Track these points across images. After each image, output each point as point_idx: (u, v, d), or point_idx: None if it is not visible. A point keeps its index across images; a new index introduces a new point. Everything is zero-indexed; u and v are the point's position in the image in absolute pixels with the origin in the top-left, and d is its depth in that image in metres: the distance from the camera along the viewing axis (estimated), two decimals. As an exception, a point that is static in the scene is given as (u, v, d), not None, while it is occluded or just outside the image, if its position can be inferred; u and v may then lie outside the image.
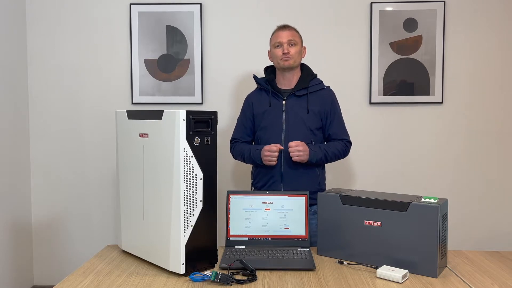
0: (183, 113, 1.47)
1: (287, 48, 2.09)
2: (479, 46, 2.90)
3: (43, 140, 2.98)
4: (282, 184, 2.12)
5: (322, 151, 2.09)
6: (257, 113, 2.20)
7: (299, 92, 2.14)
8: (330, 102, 2.17)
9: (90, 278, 1.50)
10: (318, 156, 2.07)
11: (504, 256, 1.73)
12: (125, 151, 1.73)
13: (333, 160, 2.15)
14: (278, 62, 2.14)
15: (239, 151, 2.22)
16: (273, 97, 2.17)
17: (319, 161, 2.09)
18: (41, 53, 2.95)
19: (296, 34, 2.15)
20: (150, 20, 2.90)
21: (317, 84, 2.18)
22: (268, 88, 2.18)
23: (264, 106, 2.18)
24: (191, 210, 1.49)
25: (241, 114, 2.28)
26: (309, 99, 2.14)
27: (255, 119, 2.22)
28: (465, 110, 2.92)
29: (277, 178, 2.13)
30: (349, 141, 2.20)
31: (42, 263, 3.01)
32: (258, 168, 2.20)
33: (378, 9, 2.87)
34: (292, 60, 2.11)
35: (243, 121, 2.26)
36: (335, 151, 2.13)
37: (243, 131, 2.26)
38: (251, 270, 1.48)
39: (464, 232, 2.96)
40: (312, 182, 2.13)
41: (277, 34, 2.14)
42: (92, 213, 3.01)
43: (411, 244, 1.52)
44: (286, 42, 2.10)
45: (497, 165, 2.94)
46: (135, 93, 2.92)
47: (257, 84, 2.26)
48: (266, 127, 2.16)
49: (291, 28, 2.16)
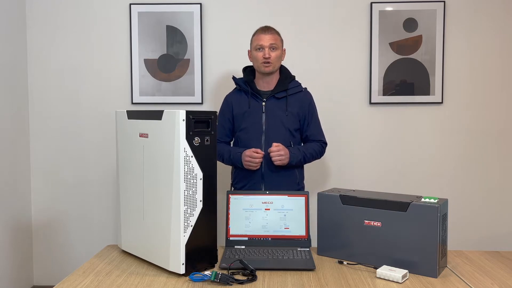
0: (183, 113, 1.47)
1: (268, 53, 2.11)
2: (479, 46, 2.90)
3: (43, 140, 2.98)
4: (263, 185, 2.16)
5: (301, 153, 2.15)
6: (236, 114, 2.22)
7: (279, 94, 2.17)
8: (308, 104, 2.22)
9: (90, 278, 1.50)
10: (297, 158, 2.14)
11: (504, 256, 1.73)
12: (125, 151, 1.73)
13: (310, 161, 2.23)
14: (258, 66, 2.16)
15: (219, 153, 2.23)
16: (253, 98, 2.19)
17: (298, 163, 2.16)
18: (41, 53, 2.95)
19: (278, 38, 2.16)
20: (150, 20, 2.90)
21: (296, 87, 2.21)
22: (247, 89, 2.20)
23: (244, 107, 2.20)
24: (191, 210, 1.49)
25: (220, 114, 2.29)
26: (288, 101, 2.17)
27: (235, 119, 2.23)
28: (465, 110, 2.92)
29: (257, 179, 2.17)
30: (325, 142, 2.28)
31: (42, 263, 3.01)
32: (238, 169, 2.21)
33: (378, 9, 2.87)
34: (272, 66, 2.13)
35: (222, 122, 2.27)
36: (313, 152, 2.20)
37: (222, 132, 2.27)
38: (251, 270, 1.48)
39: (464, 232, 2.96)
40: (291, 182, 2.20)
41: (259, 37, 2.14)
42: (92, 213, 3.01)
43: (411, 244, 1.53)
44: (267, 46, 2.11)
45: (497, 165, 2.94)
46: (135, 93, 2.92)
47: (236, 85, 2.27)
48: (246, 128, 2.19)
49: (273, 31, 2.16)
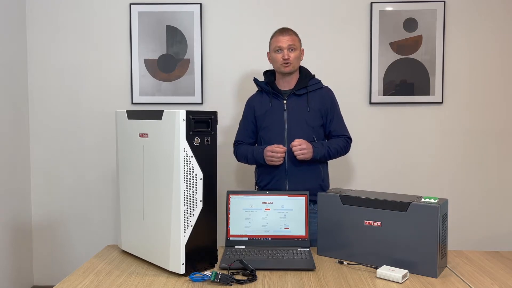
0: (183, 113, 1.47)
1: (287, 54, 2.12)
2: (479, 46, 2.90)
3: (43, 140, 2.98)
4: (287, 181, 2.14)
5: (324, 147, 2.12)
6: (258, 114, 2.22)
7: (299, 91, 2.17)
8: (330, 100, 2.21)
9: (90, 278, 1.50)
10: (321, 152, 2.10)
11: (504, 256, 1.73)
12: (125, 151, 1.73)
13: (336, 157, 2.18)
14: (278, 67, 2.17)
15: (243, 153, 2.24)
16: (274, 97, 2.20)
17: (322, 157, 2.12)
18: (41, 53, 2.95)
19: (296, 38, 2.17)
20: (150, 20, 2.90)
21: (316, 84, 2.21)
22: (268, 90, 2.21)
23: (265, 107, 2.20)
24: (191, 210, 1.49)
25: (243, 117, 2.30)
26: (309, 98, 2.17)
27: (257, 120, 2.24)
28: (465, 110, 2.92)
29: (281, 175, 2.15)
30: (349, 137, 2.24)
31: (42, 263, 3.01)
32: (262, 167, 2.21)
33: (378, 9, 2.87)
34: (291, 65, 2.14)
35: (245, 124, 2.28)
36: (337, 147, 2.16)
37: (246, 134, 2.28)
38: (251, 270, 1.48)
39: (464, 232, 2.96)
40: (316, 178, 2.16)
41: (277, 39, 2.15)
42: (92, 213, 3.01)
43: (411, 244, 1.52)
44: (286, 47, 2.12)
45: (497, 165, 2.94)
46: (135, 93, 2.92)
47: (258, 87, 2.28)
48: (268, 127, 2.18)
49: (291, 32, 2.17)
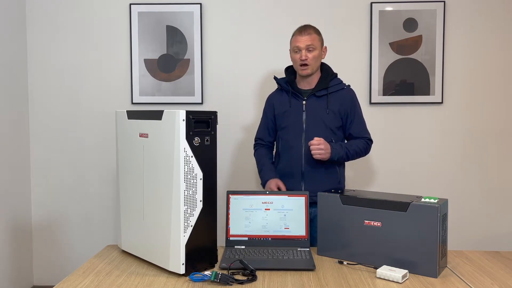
0: (183, 113, 1.47)
1: (305, 55, 2.07)
2: (479, 46, 2.90)
3: (43, 140, 2.98)
4: (303, 183, 2.12)
5: (343, 149, 2.08)
6: (278, 113, 2.21)
7: (319, 92, 2.13)
8: (350, 102, 2.16)
9: (90, 278, 1.50)
10: (339, 153, 2.06)
11: (504, 256, 1.73)
12: (125, 151, 1.73)
13: (354, 158, 2.14)
14: (297, 68, 2.14)
15: (257, 159, 2.28)
16: (293, 97, 2.17)
17: (340, 159, 2.08)
18: (41, 53, 2.95)
19: (316, 37, 2.10)
20: (150, 20, 2.90)
21: (337, 84, 2.16)
22: (288, 89, 2.18)
23: (285, 107, 2.18)
24: (191, 210, 1.49)
25: (263, 114, 2.30)
26: (329, 99, 2.13)
27: (276, 119, 2.22)
28: (465, 110, 2.92)
29: (297, 177, 2.13)
30: (370, 139, 2.19)
31: (42, 263, 3.01)
32: (278, 167, 2.20)
33: (378, 9, 2.87)
34: (310, 68, 2.09)
35: (265, 122, 2.28)
36: (356, 149, 2.12)
37: (266, 132, 2.29)
38: (251, 270, 1.49)
39: (464, 232, 2.96)
40: (332, 180, 2.13)
41: (296, 38, 2.10)
42: (92, 213, 3.01)
43: (411, 244, 1.52)
44: (304, 48, 2.07)
45: (497, 165, 2.94)
46: (135, 93, 2.92)
47: (278, 85, 2.26)
48: (286, 127, 2.17)
49: (311, 30, 2.10)
